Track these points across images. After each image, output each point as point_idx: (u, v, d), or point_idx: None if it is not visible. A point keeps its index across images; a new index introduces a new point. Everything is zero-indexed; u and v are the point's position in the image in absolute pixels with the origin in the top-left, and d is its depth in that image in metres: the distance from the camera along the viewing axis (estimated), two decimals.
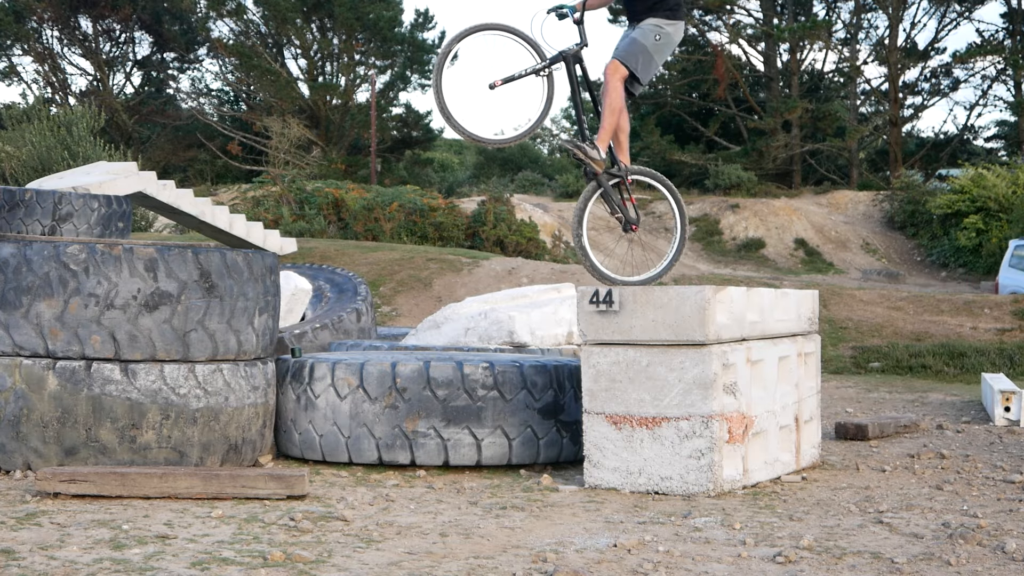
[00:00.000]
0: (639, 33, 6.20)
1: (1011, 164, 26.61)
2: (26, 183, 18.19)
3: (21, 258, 5.62)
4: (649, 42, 6.18)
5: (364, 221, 21.69)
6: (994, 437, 7.76)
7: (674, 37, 6.28)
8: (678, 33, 6.31)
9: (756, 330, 5.88)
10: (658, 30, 6.19)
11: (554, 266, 17.71)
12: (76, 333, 5.57)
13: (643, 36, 6.19)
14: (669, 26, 6.22)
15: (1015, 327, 14.41)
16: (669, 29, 6.22)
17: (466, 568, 4.01)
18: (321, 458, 6.25)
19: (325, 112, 37.13)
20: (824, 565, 4.13)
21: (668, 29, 6.21)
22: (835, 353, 13.54)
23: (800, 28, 34.44)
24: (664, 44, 6.23)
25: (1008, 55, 34.46)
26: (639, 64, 6.17)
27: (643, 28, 6.21)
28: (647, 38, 6.18)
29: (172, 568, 3.92)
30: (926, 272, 24.39)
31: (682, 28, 6.34)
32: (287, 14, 36.77)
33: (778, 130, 34.92)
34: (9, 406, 5.59)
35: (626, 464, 5.61)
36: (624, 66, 6.12)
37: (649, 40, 6.18)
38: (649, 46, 6.18)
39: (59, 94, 39.82)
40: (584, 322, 5.74)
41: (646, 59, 6.18)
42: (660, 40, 6.19)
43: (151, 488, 5.13)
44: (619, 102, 6.09)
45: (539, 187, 33.73)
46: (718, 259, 26.04)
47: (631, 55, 6.16)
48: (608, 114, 6.07)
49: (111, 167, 11.95)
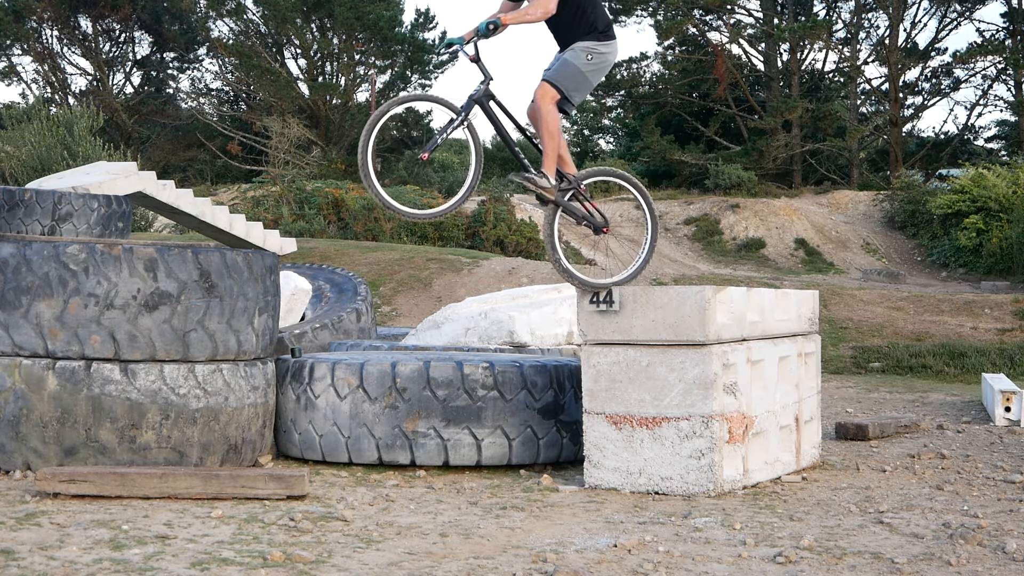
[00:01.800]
0: (571, 54, 6.02)
1: (1011, 164, 26.58)
2: (26, 183, 18.19)
3: (21, 258, 5.62)
4: (581, 62, 6.00)
5: (364, 221, 21.68)
6: (994, 437, 7.75)
7: (608, 58, 6.11)
8: (612, 54, 6.14)
9: (756, 330, 5.88)
10: (591, 50, 6.01)
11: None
12: (76, 333, 5.57)
13: (575, 57, 6.02)
14: (603, 47, 6.05)
15: (1015, 327, 14.41)
16: (603, 50, 6.06)
17: (466, 568, 4.01)
18: (321, 458, 6.25)
19: (325, 112, 37.11)
20: (824, 565, 4.12)
21: (602, 50, 6.05)
22: (835, 353, 13.54)
23: (800, 28, 34.41)
24: (597, 65, 6.06)
25: (1008, 55, 34.43)
26: (571, 85, 6.00)
27: (575, 49, 6.03)
28: (579, 59, 6.01)
29: (172, 568, 3.91)
30: (926, 272, 24.39)
31: (616, 48, 6.17)
32: (287, 14, 36.75)
33: (778, 130, 34.89)
34: (9, 406, 5.59)
35: (626, 464, 5.61)
36: (555, 88, 5.95)
37: (581, 60, 6.00)
38: (582, 66, 6.00)
39: (59, 94, 39.81)
40: (584, 322, 5.73)
41: (579, 80, 6.02)
42: (592, 60, 6.03)
43: (151, 488, 5.13)
44: (556, 125, 5.93)
45: None
46: (718, 259, 26.03)
47: (563, 76, 5.98)
48: (548, 139, 5.90)
49: (111, 167, 11.94)
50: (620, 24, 37.95)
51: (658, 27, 35.79)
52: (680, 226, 27.96)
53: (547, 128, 5.90)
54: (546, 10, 5.82)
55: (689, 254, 26.38)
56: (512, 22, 5.82)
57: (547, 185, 5.91)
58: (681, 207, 28.89)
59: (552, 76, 5.99)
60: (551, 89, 5.95)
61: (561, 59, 6.06)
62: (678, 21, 35.27)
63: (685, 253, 26.43)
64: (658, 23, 35.98)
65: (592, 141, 47.50)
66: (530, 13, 5.83)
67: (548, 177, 5.92)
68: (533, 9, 5.83)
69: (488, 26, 5.73)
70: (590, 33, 6.04)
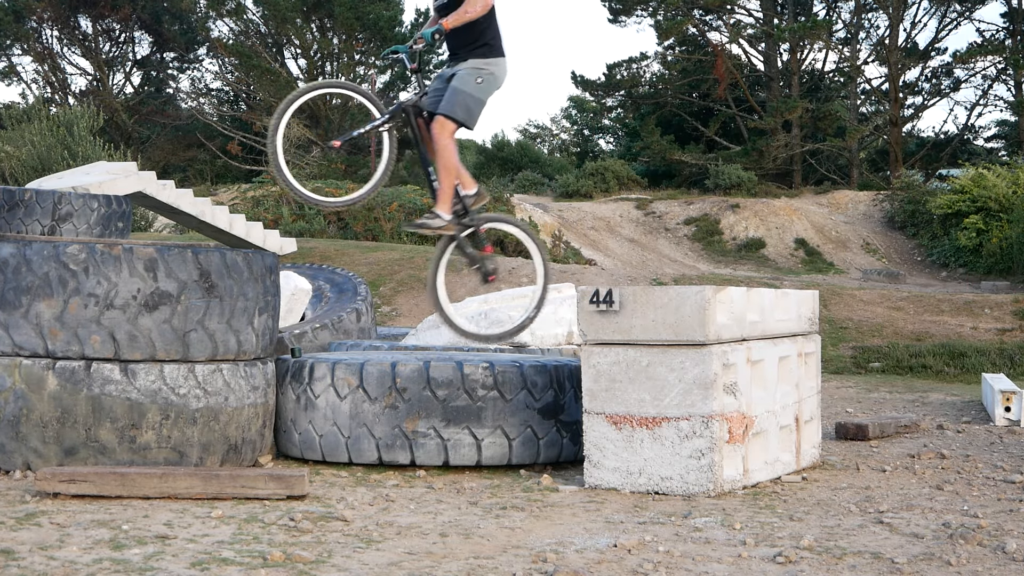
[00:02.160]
0: (459, 81, 5.97)
1: (1011, 164, 26.58)
2: (26, 183, 18.18)
3: (21, 258, 5.62)
4: (471, 87, 5.97)
5: (364, 221, 21.69)
6: (994, 437, 7.75)
7: (498, 75, 6.07)
8: (501, 70, 6.09)
9: (756, 330, 5.88)
10: (479, 72, 5.98)
11: (554, 266, 17.72)
12: (76, 333, 5.57)
13: (463, 83, 5.97)
14: (491, 65, 6.01)
15: (1015, 327, 14.41)
16: (492, 68, 6.02)
17: (466, 568, 4.01)
18: (321, 458, 6.25)
19: (325, 112, 37.12)
20: (824, 565, 4.12)
21: (490, 68, 6.01)
22: (835, 353, 13.54)
23: (800, 28, 34.42)
24: (487, 84, 6.02)
25: (1008, 55, 34.43)
26: (466, 115, 5.97)
27: (461, 75, 5.98)
28: (468, 84, 5.97)
29: (172, 568, 3.91)
30: (926, 272, 24.39)
31: (505, 65, 6.11)
32: (287, 14, 36.76)
33: (778, 130, 34.90)
34: (9, 406, 5.59)
35: (626, 464, 5.61)
36: (452, 120, 5.93)
37: (470, 85, 5.97)
38: (471, 90, 5.97)
39: (59, 94, 39.82)
40: (584, 322, 5.73)
41: (472, 105, 5.97)
42: (482, 82, 5.98)
43: (151, 488, 5.13)
44: (454, 160, 5.89)
45: (539, 187, 33.71)
46: (718, 259, 26.02)
47: (457, 107, 5.94)
48: (445, 175, 5.85)
49: (111, 167, 11.94)
50: (620, 24, 37.98)
51: (658, 27, 35.80)
52: (680, 226, 27.97)
53: (445, 163, 5.82)
54: (485, 4, 5.89)
55: (689, 254, 26.38)
56: (454, 23, 5.86)
57: (442, 224, 5.82)
58: (681, 207, 28.89)
59: (447, 110, 5.94)
60: (449, 123, 5.90)
61: (451, 88, 5.97)
62: (678, 21, 35.28)
63: (685, 253, 26.44)
64: (658, 23, 36.00)
65: (592, 141, 47.53)
66: (470, 11, 5.87)
67: (442, 215, 5.81)
68: (472, 6, 5.87)
69: (433, 35, 5.75)
70: (481, 47, 5.99)
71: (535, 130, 50.96)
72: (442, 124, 5.92)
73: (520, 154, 41.10)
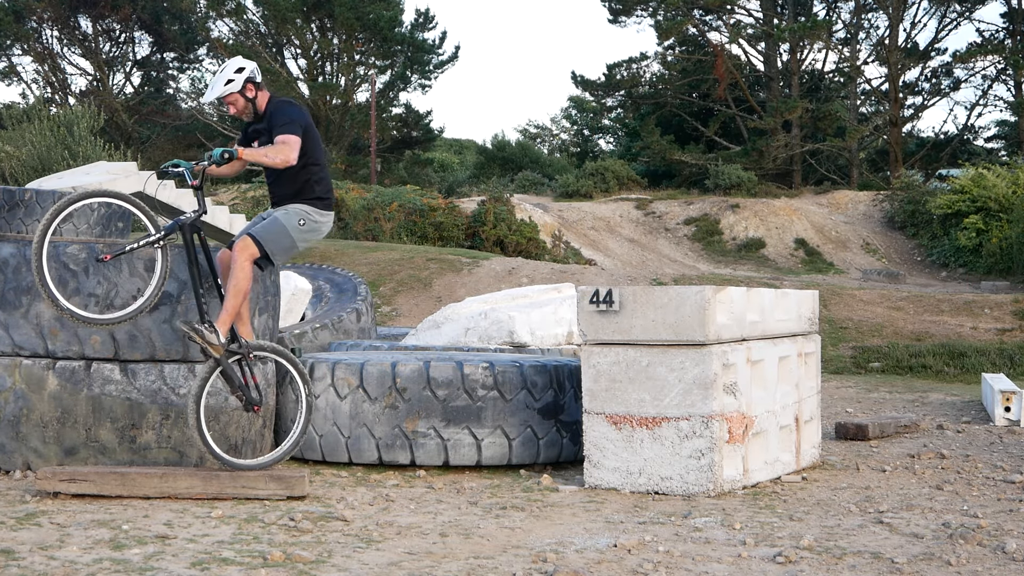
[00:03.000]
0: (283, 214, 5.76)
1: (1011, 164, 26.57)
2: (26, 183, 18.19)
3: (21, 258, 5.62)
4: (292, 224, 5.74)
5: (364, 221, 21.69)
6: (994, 437, 7.75)
7: (322, 228, 5.87)
8: (326, 225, 5.90)
9: (756, 330, 5.88)
10: (305, 215, 5.77)
11: (554, 266, 17.71)
12: (76, 333, 5.57)
13: (287, 218, 5.75)
14: (319, 215, 5.82)
15: (1015, 327, 14.41)
16: (319, 219, 5.82)
17: (466, 568, 4.01)
18: (321, 458, 6.25)
19: (325, 112, 37.11)
20: (824, 565, 4.12)
21: (317, 218, 5.81)
22: (835, 353, 13.54)
23: (800, 28, 34.42)
24: (309, 231, 5.80)
25: (1008, 55, 34.43)
26: (275, 247, 5.71)
27: (289, 210, 5.77)
28: (290, 220, 5.75)
29: (172, 568, 3.91)
30: (926, 272, 24.38)
31: (331, 220, 5.93)
32: (287, 14, 36.75)
33: (778, 130, 34.90)
34: (9, 406, 5.59)
35: (626, 464, 5.61)
36: (257, 246, 5.64)
37: (292, 222, 5.75)
38: (291, 228, 5.74)
39: (59, 94, 39.82)
40: (584, 322, 5.73)
41: (284, 242, 5.74)
42: (304, 226, 5.78)
43: (151, 488, 5.13)
44: (246, 284, 5.52)
45: (539, 187, 33.71)
46: (718, 259, 26.02)
47: (269, 235, 5.69)
48: (232, 296, 5.47)
49: (111, 167, 11.95)
50: (620, 24, 37.98)
51: (658, 27, 35.80)
52: (680, 226, 27.96)
53: (236, 284, 5.49)
54: (286, 159, 5.59)
55: (689, 254, 26.38)
56: (249, 158, 5.61)
57: (215, 342, 5.38)
58: (681, 207, 28.88)
59: (258, 233, 5.68)
60: (252, 246, 5.62)
61: (272, 217, 5.78)
62: (678, 21, 35.27)
63: (685, 253, 26.43)
64: (658, 23, 35.99)
65: (592, 141, 47.52)
66: (269, 156, 5.59)
67: (219, 334, 5.40)
68: (274, 154, 5.58)
69: (223, 154, 5.47)
70: (314, 200, 5.81)
71: (535, 130, 51.00)
72: (245, 244, 5.62)
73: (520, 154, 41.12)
